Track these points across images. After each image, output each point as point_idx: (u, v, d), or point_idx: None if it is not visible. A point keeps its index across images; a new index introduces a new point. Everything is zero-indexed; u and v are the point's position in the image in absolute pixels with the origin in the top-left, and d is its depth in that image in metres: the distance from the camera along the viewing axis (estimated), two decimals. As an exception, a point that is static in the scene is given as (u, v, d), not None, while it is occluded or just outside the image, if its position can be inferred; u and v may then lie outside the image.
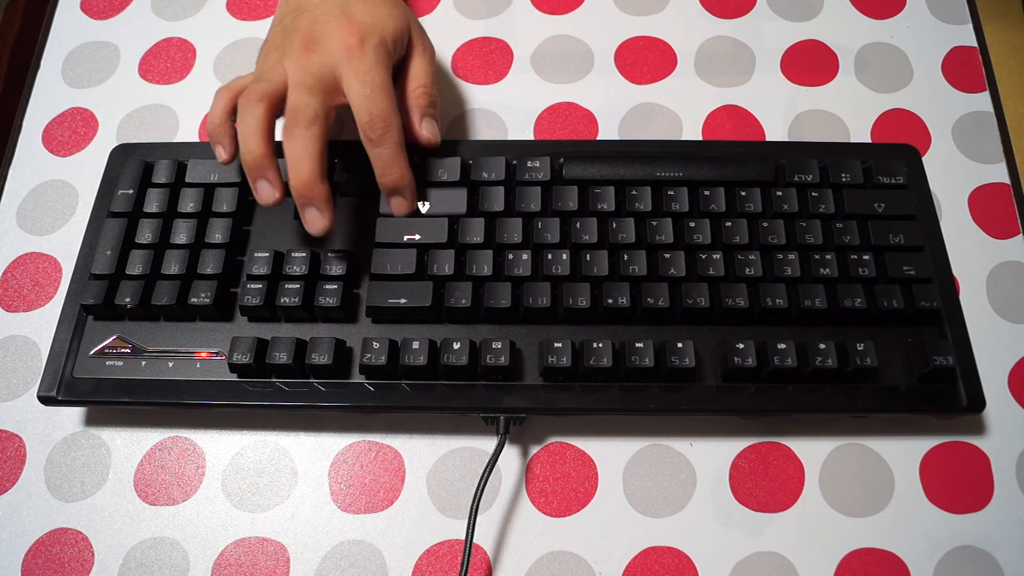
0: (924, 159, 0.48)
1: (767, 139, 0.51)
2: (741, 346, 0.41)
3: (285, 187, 0.41)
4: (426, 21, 0.56)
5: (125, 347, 0.43)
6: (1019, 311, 0.46)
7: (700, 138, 0.51)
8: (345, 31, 0.41)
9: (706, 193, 0.44)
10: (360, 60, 0.41)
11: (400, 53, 0.44)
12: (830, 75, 0.54)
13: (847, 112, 0.52)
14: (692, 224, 0.44)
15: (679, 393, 0.41)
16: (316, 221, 0.41)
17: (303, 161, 0.40)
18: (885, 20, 0.56)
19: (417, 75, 0.45)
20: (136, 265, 0.43)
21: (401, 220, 0.44)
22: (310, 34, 0.42)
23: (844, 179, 0.45)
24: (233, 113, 0.42)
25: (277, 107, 0.41)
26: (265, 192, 0.41)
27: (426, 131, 0.45)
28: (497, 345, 0.41)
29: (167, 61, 0.55)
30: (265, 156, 0.40)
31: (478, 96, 0.53)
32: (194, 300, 0.42)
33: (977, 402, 0.41)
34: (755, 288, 0.42)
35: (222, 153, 0.42)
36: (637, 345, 0.41)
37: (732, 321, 0.43)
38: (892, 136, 0.51)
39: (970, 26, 0.55)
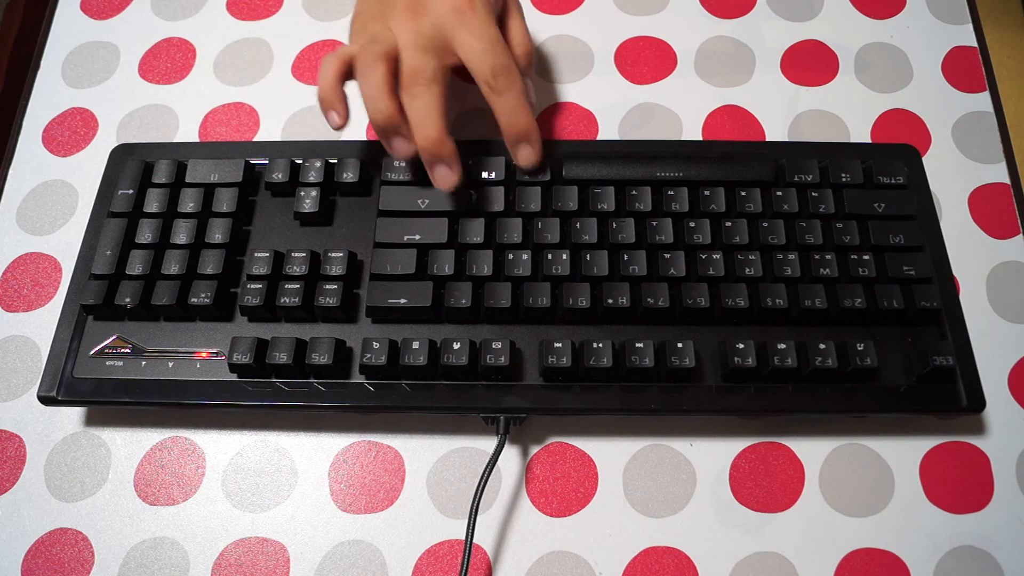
0: (924, 159, 0.48)
1: (767, 139, 0.51)
2: (741, 346, 0.41)
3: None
4: (426, 21, 0.56)
5: (125, 347, 0.43)
6: (1019, 311, 0.46)
7: (700, 138, 0.51)
8: None
9: (706, 193, 0.44)
10: (472, 18, 0.41)
11: (498, 11, 0.45)
12: (830, 75, 0.54)
13: (847, 112, 0.52)
14: (692, 224, 0.44)
15: (679, 393, 0.41)
16: (447, 177, 0.42)
17: (430, 119, 0.40)
18: (885, 20, 0.56)
19: (516, 33, 0.46)
20: (136, 265, 0.43)
21: (401, 220, 0.44)
22: (416, 1, 0.42)
23: (844, 179, 0.45)
24: (343, 79, 0.42)
25: (395, 69, 0.41)
26: (400, 147, 0.42)
27: (530, 93, 0.45)
28: (497, 345, 0.41)
29: (167, 61, 0.55)
30: (396, 112, 0.40)
31: (478, 96, 0.53)
32: (194, 300, 0.42)
33: (977, 402, 0.41)
34: (755, 288, 0.42)
35: (336, 119, 0.42)
36: (637, 345, 0.41)
37: (732, 321, 0.43)
38: (892, 136, 0.51)
39: (970, 26, 0.55)
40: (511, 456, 0.44)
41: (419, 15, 0.41)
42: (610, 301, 0.42)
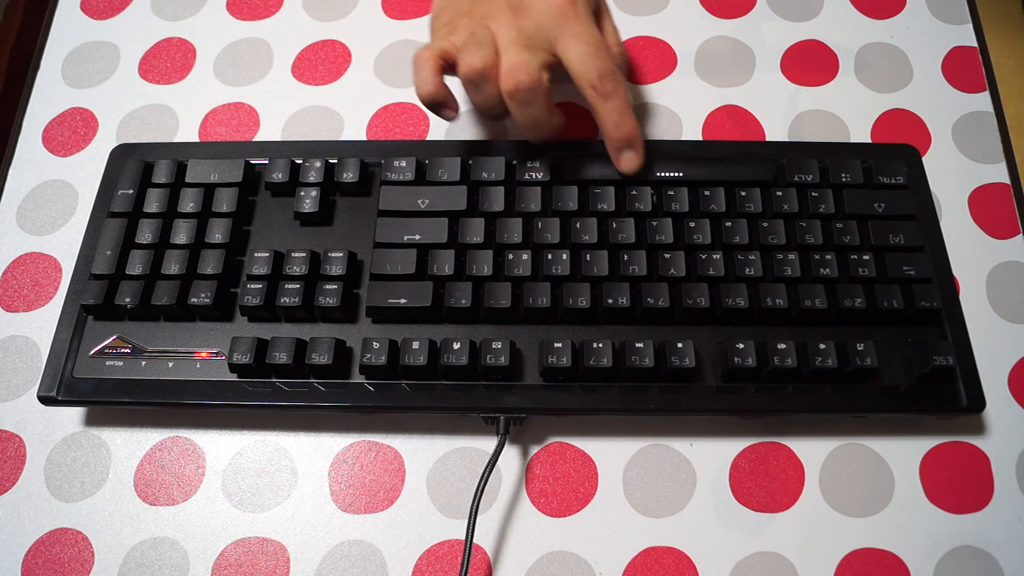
0: (924, 159, 0.48)
1: (767, 139, 0.51)
2: (741, 346, 0.41)
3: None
4: (426, 21, 0.56)
5: (125, 347, 0.43)
6: (1019, 311, 0.46)
7: (700, 138, 0.51)
8: None
9: (706, 193, 0.44)
10: (575, 20, 0.40)
11: (594, 10, 0.44)
12: (830, 75, 0.54)
13: (847, 112, 0.52)
14: (692, 224, 0.44)
15: (679, 393, 0.41)
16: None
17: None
18: (885, 20, 0.56)
19: (609, 34, 0.45)
20: (136, 265, 0.43)
21: (401, 220, 0.44)
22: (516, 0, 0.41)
23: (844, 179, 0.45)
24: (442, 74, 0.42)
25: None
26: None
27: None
28: (497, 345, 0.41)
29: (167, 61, 0.55)
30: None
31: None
32: (194, 300, 0.42)
33: (977, 402, 0.41)
34: (755, 288, 0.42)
35: (450, 113, 0.43)
36: (637, 345, 0.41)
37: (732, 321, 0.43)
38: (892, 136, 0.51)
39: (970, 26, 0.55)
40: (511, 456, 0.44)
41: (520, 15, 0.41)
42: (610, 301, 0.42)
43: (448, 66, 0.42)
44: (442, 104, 0.42)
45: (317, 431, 0.44)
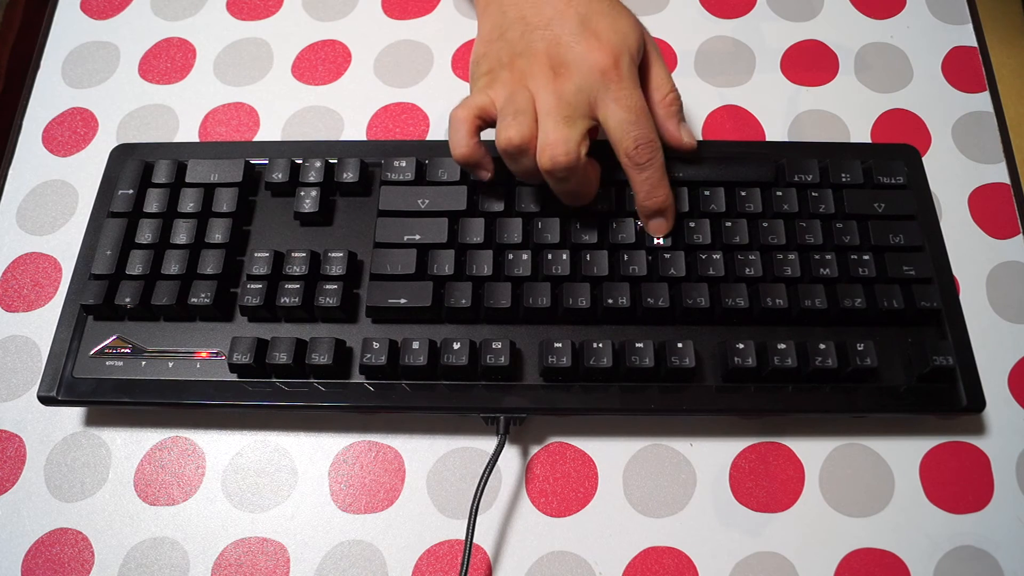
0: (924, 159, 0.48)
1: (767, 139, 0.51)
2: (741, 346, 0.41)
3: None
4: (426, 21, 0.56)
5: (125, 347, 0.43)
6: (1019, 311, 0.46)
7: (700, 138, 0.51)
8: (596, 52, 0.39)
9: (706, 193, 0.44)
10: (618, 84, 0.39)
11: (639, 60, 0.42)
12: (830, 75, 0.54)
13: (847, 112, 0.52)
14: (692, 224, 0.44)
15: (679, 393, 0.41)
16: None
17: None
18: (885, 20, 0.56)
19: (661, 82, 0.43)
20: (136, 265, 0.43)
21: (401, 220, 0.44)
22: (556, 56, 0.40)
23: (844, 179, 0.45)
24: (478, 134, 0.41)
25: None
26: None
27: (686, 137, 0.43)
28: (497, 345, 0.41)
29: (167, 61, 0.55)
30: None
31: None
32: (194, 300, 0.42)
33: (977, 402, 0.41)
34: (755, 288, 0.42)
35: (485, 175, 0.42)
36: (637, 345, 0.41)
37: (732, 321, 0.43)
38: (892, 136, 0.51)
39: (970, 26, 0.55)
40: (511, 456, 0.44)
41: (561, 76, 0.39)
42: (610, 301, 0.42)
43: (485, 124, 0.41)
44: (477, 165, 0.42)
45: (317, 431, 0.44)
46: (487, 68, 0.42)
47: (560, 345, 0.41)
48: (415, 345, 0.41)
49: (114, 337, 0.43)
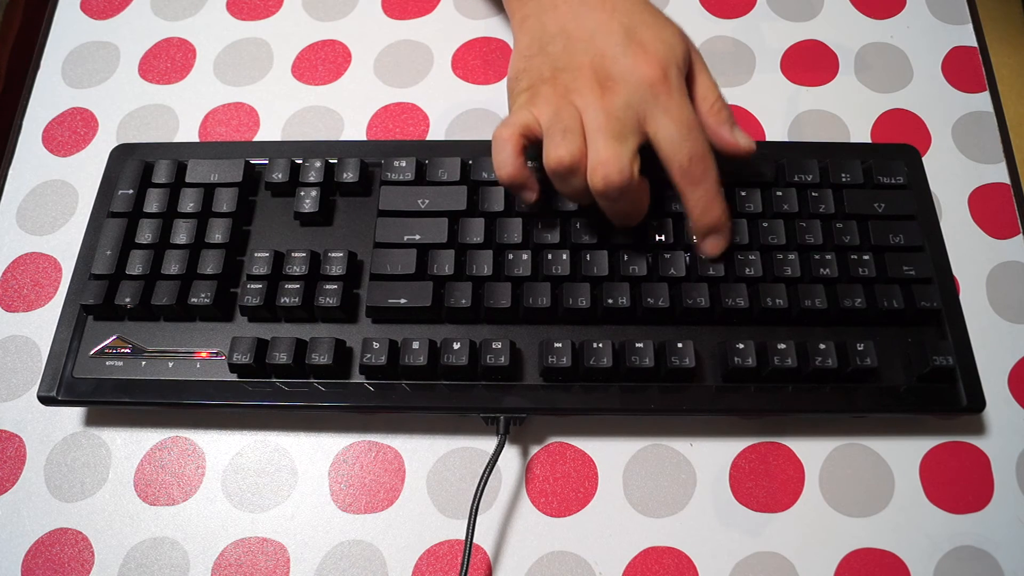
0: (924, 159, 0.48)
1: (767, 139, 0.51)
2: (741, 346, 0.41)
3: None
4: (426, 21, 0.56)
5: (125, 347, 0.43)
6: (1019, 311, 0.46)
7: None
8: (644, 65, 0.38)
9: (706, 193, 0.44)
10: (668, 98, 0.38)
11: (686, 71, 0.41)
12: (830, 75, 0.54)
13: (847, 112, 0.52)
14: (692, 224, 0.44)
15: (679, 393, 0.41)
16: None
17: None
18: (885, 20, 0.56)
19: (708, 91, 0.41)
20: (136, 265, 0.43)
21: (401, 220, 0.44)
22: (602, 70, 0.38)
23: (844, 179, 0.45)
24: (523, 155, 0.39)
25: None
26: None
27: (743, 141, 0.41)
28: (497, 345, 0.41)
29: (167, 61, 0.55)
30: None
31: (478, 96, 0.53)
32: (194, 300, 0.42)
33: (977, 402, 0.41)
34: (755, 288, 0.42)
35: (530, 196, 0.41)
36: (637, 345, 0.41)
37: (732, 321, 0.43)
38: (892, 136, 0.51)
39: (970, 26, 0.55)
40: (511, 456, 0.44)
41: (608, 91, 0.38)
42: (610, 301, 0.42)
43: (529, 143, 0.39)
44: (523, 186, 0.40)
45: (317, 431, 0.44)
46: (528, 84, 0.40)
47: (560, 345, 0.41)
48: (415, 345, 0.41)
49: (114, 337, 0.43)
